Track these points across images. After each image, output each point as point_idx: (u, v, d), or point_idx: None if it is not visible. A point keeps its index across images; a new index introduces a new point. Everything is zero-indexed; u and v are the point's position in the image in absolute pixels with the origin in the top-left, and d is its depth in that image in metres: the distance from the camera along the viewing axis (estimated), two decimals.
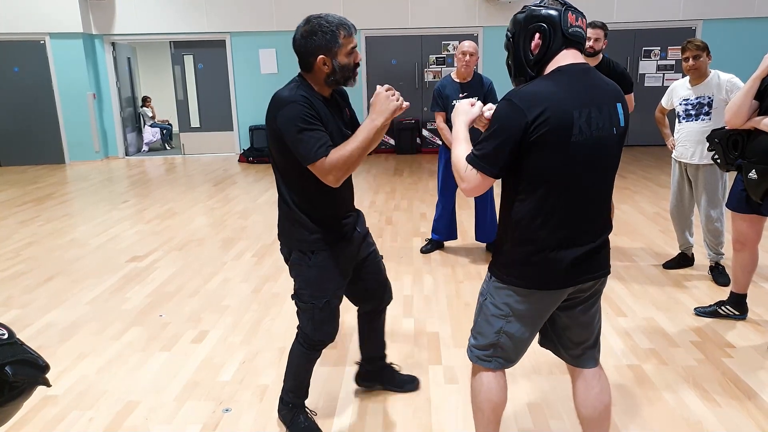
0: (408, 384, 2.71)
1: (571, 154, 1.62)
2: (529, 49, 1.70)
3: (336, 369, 2.92)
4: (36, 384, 1.48)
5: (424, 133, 10.37)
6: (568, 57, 1.68)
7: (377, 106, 1.97)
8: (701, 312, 3.41)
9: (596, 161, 1.68)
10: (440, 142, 4.63)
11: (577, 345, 1.91)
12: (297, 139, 1.94)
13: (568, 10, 1.67)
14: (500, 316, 1.81)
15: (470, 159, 1.70)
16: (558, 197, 1.67)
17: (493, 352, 1.86)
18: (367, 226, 2.42)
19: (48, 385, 1.51)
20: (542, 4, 1.70)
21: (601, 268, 1.79)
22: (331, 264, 2.18)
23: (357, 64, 2.06)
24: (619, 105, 1.71)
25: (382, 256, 2.49)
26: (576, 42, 1.70)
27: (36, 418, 2.57)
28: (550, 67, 1.69)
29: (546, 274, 1.72)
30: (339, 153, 1.93)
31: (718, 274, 3.94)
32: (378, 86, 2.02)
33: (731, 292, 3.35)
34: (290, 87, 2.07)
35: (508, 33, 1.76)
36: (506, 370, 1.92)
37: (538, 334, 1.98)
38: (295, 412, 2.41)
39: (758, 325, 3.28)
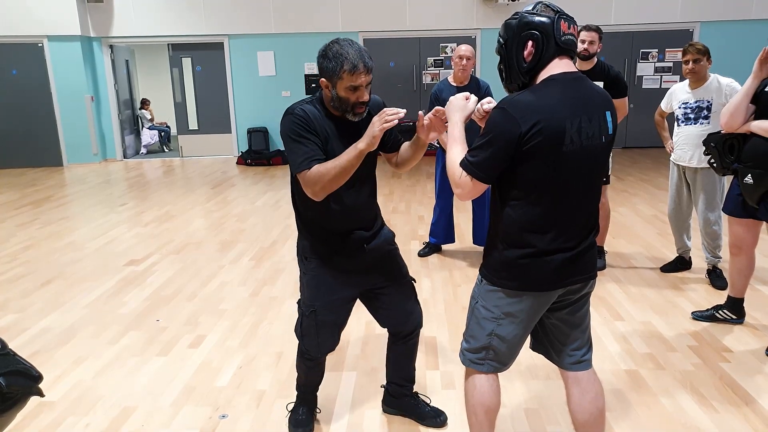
0: (430, 419, 2.48)
1: (562, 163, 1.65)
2: (521, 56, 1.70)
3: (333, 374, 2.92)
4: (29, 394, 1.49)
5: None
6: (560, 65, 1.69)
7: (369, 133, 1.90)
8: (698, 316, 3.41)
9: (585, 169, 1.71)
10: (437, 145, 4.63)
11: (569, 348, 1.92)
12: (288, 148, 2.02)
13: (560, 17, 1.67)
14: (491, 318, 1.83)
15: (464, 165, 1.71)
16: (548, 203, 1.69)
17: (485, 354, 1.87)
18: (392, 246, 2.30)
19: (41, 395, 1.51)
20: (534, 11, 1.69)
21: (589, 270, 1.82)
22: (323, 274, 2.17)
23: (360, 103, 1.99)
24: (608, 113, 1.74)
25: (413, 279, 2.36)
26: (568, 50, 1.71)
27: (32, 425, 2.56)
28: (543, 75, 1.70)
29: (536, 276, 1.74)
30: (318, 170, 1.94)
31: (715, 278, 3.94)
32: (384, 111, 1.90)
33: (728, 296, 3.35)
34: (304, 99, 2.09)
35: (500, 39, 1.77)
36: (500, 374, 1.93)
37: (530, 338, 1.99)
38: (299, 403, 2.47)
39: (756, 329, 3.28)
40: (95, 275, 4.48)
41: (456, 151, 1.78)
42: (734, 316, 3.33)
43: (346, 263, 2.18)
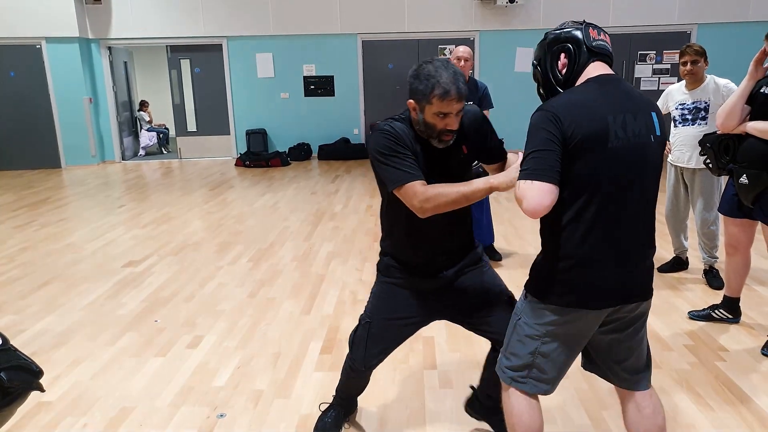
0: None
1: (611, 160, 1.59)
2: (556, 69, 1.73)
3: (330, 374, 2.92)
4: (30, 389, 1.49)
5: None
6: (597, 68, 1.70)
7: (509, 173, 1.79)
8: (695, 315, 3.42)
9: (639, 169, 1.63)
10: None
11: (624, 370, 1.84)
12: (382, 165, 1.90)
13: (588, 26, 1.72)
14: (535, 336, 1.75)
15: (521, 175, 1.61)
16: (600, 207, 1.61)
17: (527, 373, 1.79)
18: (477, 267, 2.14)
19: (42, 390, 1.52)
20: (562, 27, 1.74)
21: (643, 290, 1.73)
22: (391, 291, 2.12)
23: (446, 131, 1.89)
24: (653, 114, 1.69)
25: (511, 296, 2.14)
26: (602, 54, 1.71)
27: (30, 425, 2.56)
28: (580, 80, 1.70)
29: (584, 292, 1.66)
30: (438, 189, 1.82)
31: (712, 278, 3.96)
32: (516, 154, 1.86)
33: (724, 296, 3.36)
34: (393, 116, 1.98)
35: (534, 61, 1.79)
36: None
37: (581, 356, 1.91)
38: (332, 405, 2.45)
39: (751, 328, 3.29)
40: (93, 277, 4.49)
41: (476, 183, 1.81)
42: (730, 316, 3.34)
43: (421, 284, 2.09)
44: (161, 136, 11.76)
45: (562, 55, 1.71)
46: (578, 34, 1.70)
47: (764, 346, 3.03)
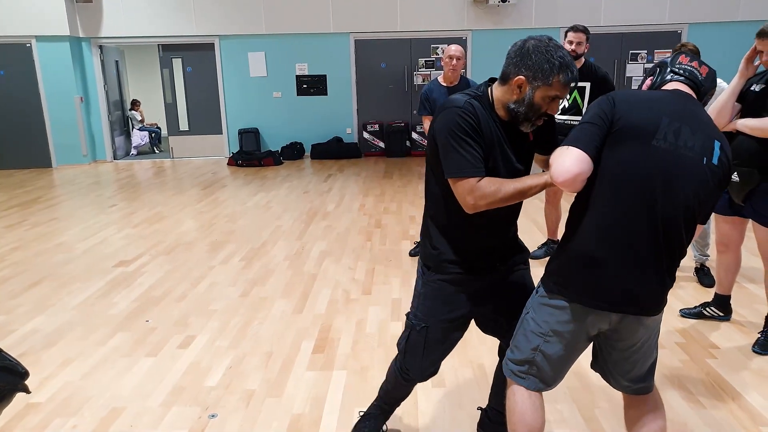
0: None
1: (650, 158, 1.59)
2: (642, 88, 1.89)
3: (323, 373, 2.92)
4: (15, 391, 1.47)
5: (414, 136, 10.39)
6: (672, 86, 1.78)
7: None
8: (686, 313, 3.44)
9: (677, 181, 1.60)
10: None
11: (627, 380, 1.86)
12: (449, 147, 1.74)
13: (681, 53, 1.82)
14: (539, 333, 1.77)
15: (564, 144, 1.65)
16: (624, 206, 1.61)
17: (528, 369, 1.80)
18: (524, 268, 2.06)
19: (27, 391, 1.50)
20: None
21: (651, 305, 1.71)
22: (445, 290, 1.96)
23: (546, 115, 1.77)
24: (717, 142, 1.65)
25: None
26: (684, 76, 1.78)
27: (18, 427, 2.54)
28: None
29: (593, 291, 1.66)
30: (494, 185, 1.71)
31: (703, 276, 3.98)
32: None
33: (715, 294, 3.38)
34: (467, 92, 1.83)
35: None
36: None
37: (591, 356, 1.93)
38: (371, 412, 2.33)
39: (742, 325, 3.31)
40: (84, 276, 4.45)
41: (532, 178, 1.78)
42: (721, 313, 3.36)
43: (473, 282, 1.96)
44: (153, 135, 11.70)
45: (649, 78, 1.86)
46: (668, 59, 1.84)
47: (755, 343, 3.05)
